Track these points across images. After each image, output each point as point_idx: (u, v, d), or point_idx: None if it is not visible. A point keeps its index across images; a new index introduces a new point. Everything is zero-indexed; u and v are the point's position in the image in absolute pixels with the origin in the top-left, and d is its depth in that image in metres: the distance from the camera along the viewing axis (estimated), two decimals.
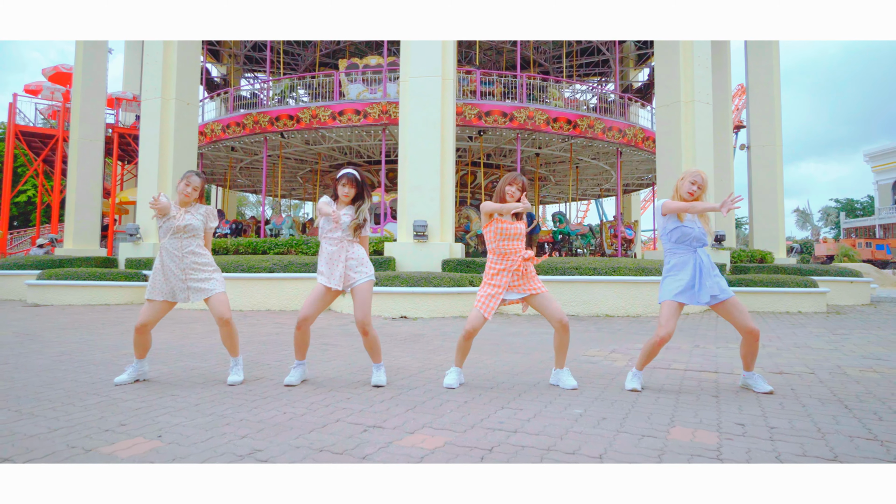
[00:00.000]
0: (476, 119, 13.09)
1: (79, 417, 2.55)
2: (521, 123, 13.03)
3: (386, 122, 12.87)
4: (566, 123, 13.53)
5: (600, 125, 13.86)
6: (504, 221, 3.17)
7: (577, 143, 14.57)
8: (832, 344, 5.05)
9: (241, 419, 2.53)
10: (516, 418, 2.54)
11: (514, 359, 4.21)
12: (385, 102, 12.92)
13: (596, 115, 14.23)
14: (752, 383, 3.08)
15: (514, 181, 3.16)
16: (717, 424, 2.42)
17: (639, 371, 3.16)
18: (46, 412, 2.63)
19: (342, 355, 4.33)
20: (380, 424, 2.44)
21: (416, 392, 3.08)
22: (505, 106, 13.25)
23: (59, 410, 2.67)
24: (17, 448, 2.12)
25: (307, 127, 13.52)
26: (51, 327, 6.02)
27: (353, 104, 13.35)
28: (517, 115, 13.06)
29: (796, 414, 2.59)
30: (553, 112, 13.52)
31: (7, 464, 1.95)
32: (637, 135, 14.74)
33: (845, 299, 10.11)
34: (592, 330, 6.10)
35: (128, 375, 3.30)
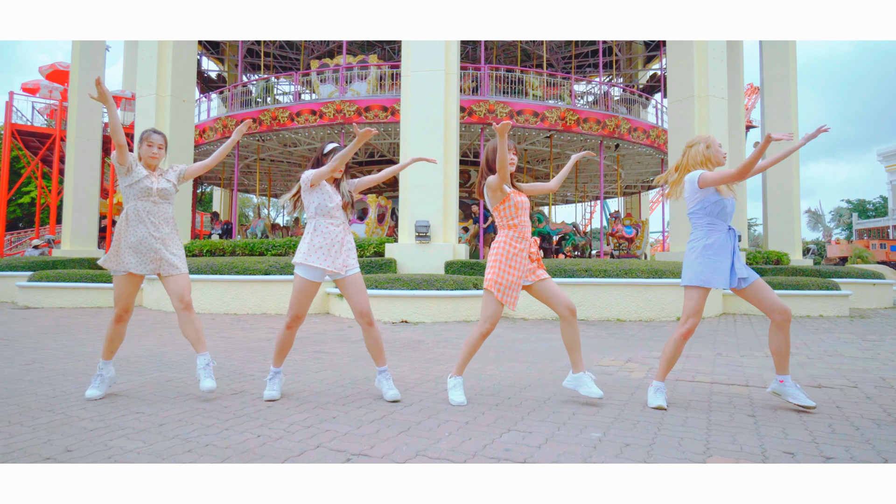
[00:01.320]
0: None
1: (21, 441, 2.22)
2: (481, 118, 12.56)
3: (341, 121, 12.78)
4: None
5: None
6: (520, 194, 2.86)
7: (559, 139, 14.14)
8: (866, 351, 4.66)
9: (207, 444, 2.19)
10: (525, 444, 2.18)
11: (520, 369, 3.85)
12: (339, 101, 12.78)
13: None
14: (790, 393, 2.65)
15: (509, 148, 2.81)
16: (761, 453, 2.06)
17: (661, 383, 2.79)
18: None
19: (334, 364, 3.99)
20: (366, 452, 2.10)
21: (412, 410, 2.73)
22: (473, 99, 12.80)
23: (3, 431, 2.34)
24: None
25: (268, 129, 13.55)
26: (32, 332, 5.73)
27: (308, 105, 13.31)
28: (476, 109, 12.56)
29: (853, 440, 2.22)
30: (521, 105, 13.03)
31: None
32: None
33: (867, 302, 9.67)
34: (604, 336, 5.73)
35: (98, 390, 2.96)
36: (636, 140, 13.66)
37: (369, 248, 9.60)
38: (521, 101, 12.87)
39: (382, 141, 14.69)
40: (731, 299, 8.46)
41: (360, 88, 13.51)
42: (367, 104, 12.67)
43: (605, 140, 13.49)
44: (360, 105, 12.68)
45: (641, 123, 13.88)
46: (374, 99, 12.78)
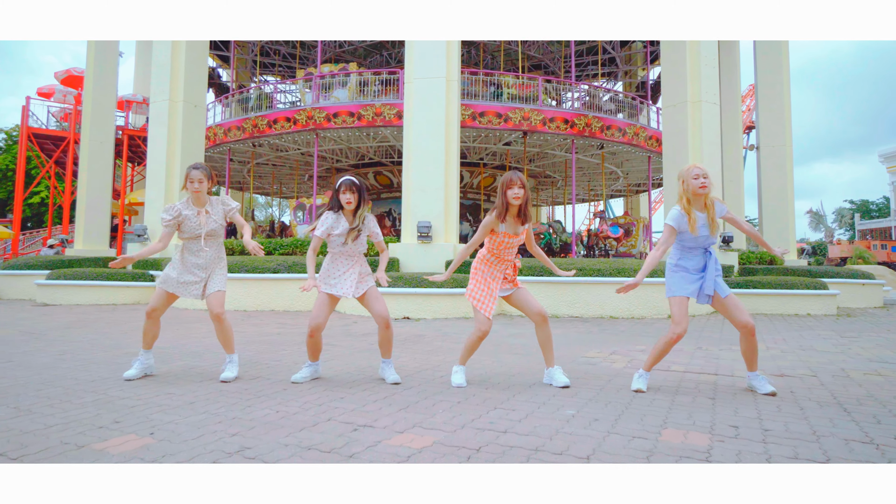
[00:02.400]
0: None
1: (75, 415, 2.58)
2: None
3: (313, 126, 13.40)
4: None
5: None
6: (508, 236, 3.12)
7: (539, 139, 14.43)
8: (839, 347, 4.97)
9: (234, 417, 2.54)
10: (507, 419, 2.52)
11: (512, 360, 4.19)
12: (310, 108, 13.46)
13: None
14: (756, 384, 3.03)
15: (512, 182, 3.06)
16: (710, 426, 2.39)
17: (646, 372, 3.14)
18: (44, 409, 2.67)
19: (341, 356, 4.34)
20: (370, 424, 2.44)
21: (411, 392, 3.07)
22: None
23: (56, 408, 2.70)
24: (12, 444, 2.15)
25: (250, 136, 14.42)
26: (56, 326, 6.11)
27: (284, 112, 14.03)
28: None
29: (793, 416, 2.55)
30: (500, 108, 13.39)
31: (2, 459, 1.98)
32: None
33: (857, 302, 9.95)
34: (595, 331, 6.06)
35: (136, 370, 3.40)
36: (610, 138, 13.81)
37: (372, 248, 9.94)
38: (484, 104, 13.21)
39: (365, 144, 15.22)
40: None
41: (342, 95, 14.15)
42: (335, 110, 13.39)
43: (576, 139, 13.72)
44: (328, 111, 13.40)
45: (616, 121, 13.99)
46: (342, 105, 13.48)
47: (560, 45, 18.40)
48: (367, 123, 13.13)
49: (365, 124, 13.13)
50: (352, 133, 14.03)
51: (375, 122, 13.11)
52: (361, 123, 13.12)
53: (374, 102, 13.21)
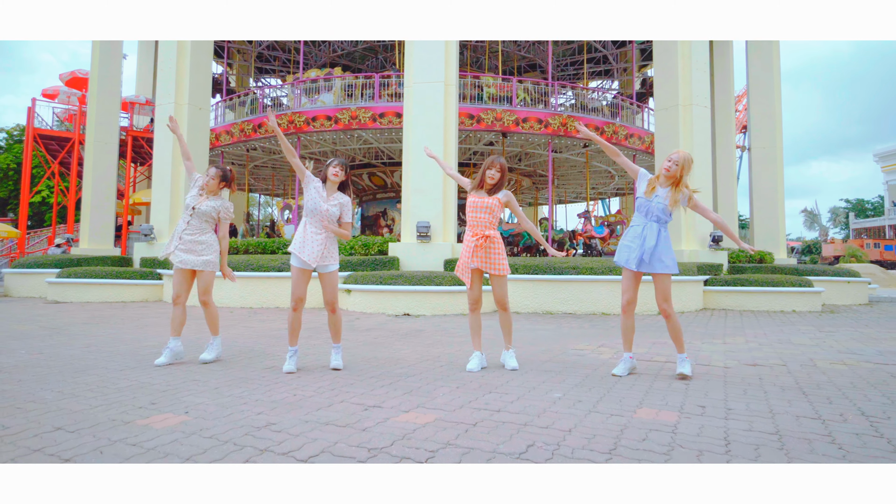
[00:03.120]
0: None
1: (114, 397, 2.88)
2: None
3: (294, 130, 14.05)
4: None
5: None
6: (474, 196, 3.71)
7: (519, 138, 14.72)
8: (815, 340, 5.29)
9: (256, 399, 2.85)
10: (501, 400, 2.83)
11: None
12: (291, 113, 14.12)
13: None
14: (678, 364, 3.40)
15: (493, 164, 3.69)
16: (680, 406, 2.70)
17: (626, 353, 3.50)
18: (85, 393, 2.97)
19: (347, 348, 4.64)
20: (379, 404, 2.75)
21: (413, 379, 3.38)
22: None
23: (96, 391, 3.00)
24: (67, 419, 2.45)
25: (238, 140, 15.25)
26: (74, 322, 6.40)
27: (264, 117, 14.70)
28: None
29: (756, 398, 2.86)
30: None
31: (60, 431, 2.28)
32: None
33: (843, 299, 10.28)
34: (587, 326, 6.37)
35: (165, 358, 3.81)
36: (583, 138, 14.07)
37: (374, 247, 10.25)
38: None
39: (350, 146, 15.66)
40: (710, 296, 9.08)
41: (328, 99, 14.73)
42: (314, 114, 13.99)
43: (553, 139, 13.98)
44: (308, 115, 13.97)
45: (593, 121, 14.20)
46: (321, 109, 14.03)
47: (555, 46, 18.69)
48: (344, 126, 13.77)
49: (342, 127, 13.77)
50: (336, 136, 14.57)
51: (352, 125, 13.73)
52: (339, 127, 13.75)
53: (350, 106, 13.78)
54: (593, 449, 2.04)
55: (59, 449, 2.09)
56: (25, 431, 2.30)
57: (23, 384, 3.17)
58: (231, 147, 15.89)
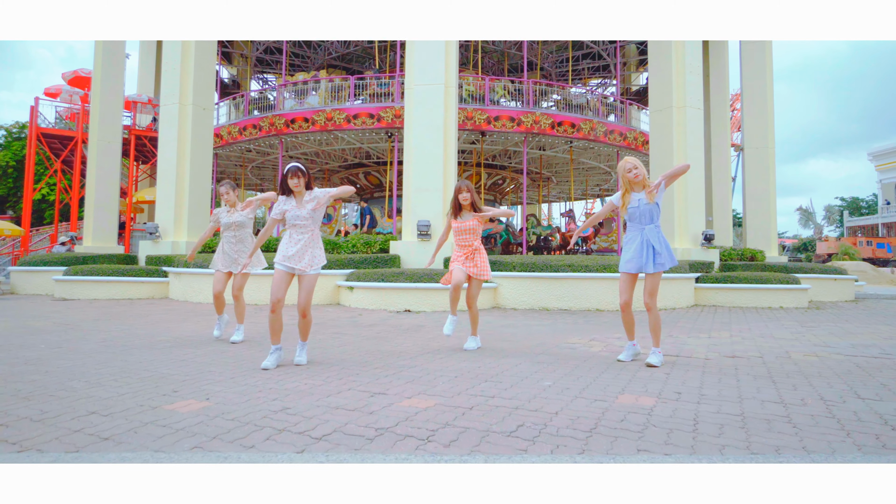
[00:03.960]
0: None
1: (138, 386, 3.12)
2: (389, 122, 13.71)
3: (275, 132, 14.70)
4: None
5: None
6: (457, 222, 4.36)
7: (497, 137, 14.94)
8: (795, 335, 5.55)
9: (271, 388, 3.09)
10: (496, 388, 3.08)
11: (502, 346, 4.75)
12: (272, 115, 14.65)
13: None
14: (649, 356, 3.73)
15: (460, 189, 4.34)
16: (658, 393, 2.95)
17: (630, 341, 3.86)
18: (110, 382, 3.21)
19: (351, 342, 4.89)
20: (384, 392, 3.00)
21: (414, 370, 3.63)
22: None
23: (121, 381, 3.24)
24: (99, 406, 2.70)
25: (226, 143, 15.72)
26: (86, 319, 6.64)
27: (251, 119, 15.22)
28: (384, 114, 13.76)
29: (728, 386, 3.12)
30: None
31: (95, 416, 2.52)
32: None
33: (829, 296, 10.56)
34: (581, 322, 6.62)
35: (218, 330, 4.82)
36: (561, 134, 14.22)
37: (375, 245, 10.50)
38: None
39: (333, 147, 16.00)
40: (701, 293, 9.35)
41: (313, 101, 15.10)
42: (292, 116, 14.43)
43: (528, 136, 14.17)
44: (287, 118, 14.43)
45: (567, 117, 14.31)
46: (297, 112, 14.46)
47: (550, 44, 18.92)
48: (320, 128, 14.13)
49: (318, 129, 14.15)
50: (322, 136, 14.96)
51: (327, 127, 14.06)
52: (315, 128, 14.14)
53: (325, 108, 14.10)
54: (576, 428, 2.30)
55: (97, 430, 2.33)
56: (63, 415, 2.54)
57: (50, 375, 3.41)
58: (221, 149, 16.16)
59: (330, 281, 8.81)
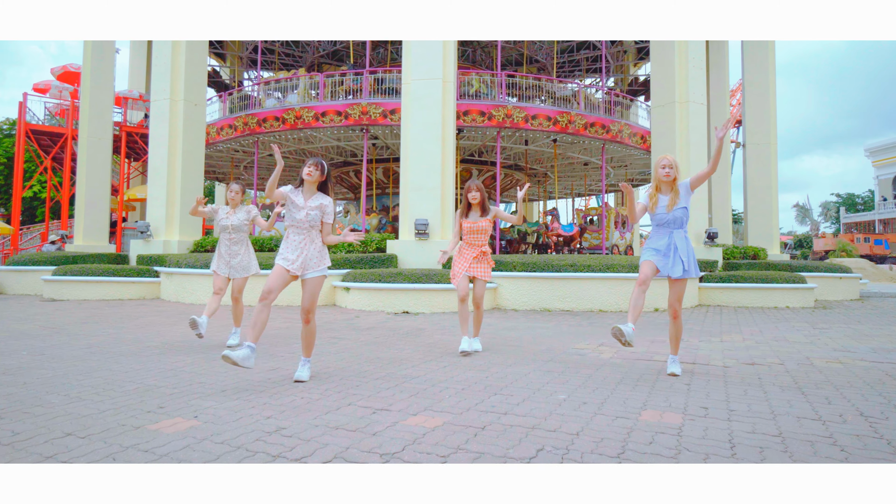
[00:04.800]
0: None
1: (122, 401, 2.89)
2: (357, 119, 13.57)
3: (248, 132, 14.57)
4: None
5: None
6: (468, 221, 4.34)
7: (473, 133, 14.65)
8: (809, 337, 5.37)
9: (265, 403, 2.87)
10: (507, 402, 2.87)
11: (508, 351, 4.54)
12: (245, 115, 14.58)
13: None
14: (668, 364, 3.58)
15: (469, 188, 4.35)
16: (683, 408, 2.75)
17: (629, 322, 3.50)
18: (92, 396, 2.97)
19: (350, 348, 4.67)
20: (387, 407, 2.78)
21: (418, 381, 3.41)
22: None
23: (103, 395, 3.01)
24: (76, 425, 2.46)
25: (209, 144, 15.33)
26: (73, 321, 6.38)
27: (227, 119, 15.08)
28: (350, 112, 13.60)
29: (756, 399, 2.92)
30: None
31: (71, 437, 2.29)
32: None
33: (835, 295, 10.42)
34: (585, 325, 6.42)
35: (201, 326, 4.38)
36: (536, 127, 13.86)
37: (372, 245, 10.26)
38: (394, 101, 13.50)
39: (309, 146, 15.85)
40: (706, 292, 9.18)
41: (293, 99, 15.00)
42: (264, 116, 14.40)
43: (500, 131, 13.92)
44: (259, 117, 14.35)
45: (542, 110, 13.94)
46: (269, 111, 14.42)
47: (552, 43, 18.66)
48: (290, 127, 14.03)
49: (288, 127, 14.05)
50: (300, 135, 14.81)
51: (297, 125, 13.93)
52: (286, 127, 14.04)
53: (294, 106, 13.98)
54: (602, 453, 2.09)
55: (72, 456, 2.10)
56: (36, 437, 2.31)
57: (28, 387, 3.17)
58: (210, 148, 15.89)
59: (325, 281, 8.55)
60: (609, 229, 15.85)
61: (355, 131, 14.26)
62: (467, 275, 4.30)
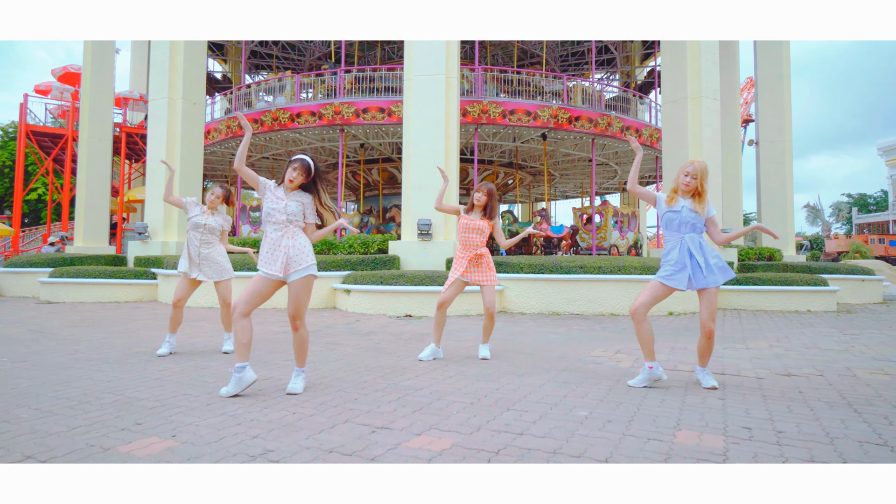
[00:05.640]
0: None
1: (96, 416, 2.61)
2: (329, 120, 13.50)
3: (231, 135, 14.80)
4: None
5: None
6: (466, 218, 4.09)
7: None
8: (842, 344, 5.03)
9: (252, 419, 2.58)
10: (522, 420, 2.56)
11: (518, 359, 4.23)
12: (227, 119, 14.88)
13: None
14: (701, 378, 3.24)
15: (479, 189, 4.14)
16: (723, 428, 2.43)
17: (647, 362, 3.23)
18: (65, 410, 2.70)
19: (349, 355, 4.37)
20: (387, 426, 2.48)
21: (423, 393, 3.11)
22: None
23: (77, 409, 2.73)
24: (40, 446, 2.18)
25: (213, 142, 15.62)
26: (64, 325, 6.12)
27: (211, 123, 15.23)
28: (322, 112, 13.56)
29: (804, 418, 2.60)
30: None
31: (30, 463, 2.01)
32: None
33: (857, 298, 10.02)
34: (597, 329, 6.10)
35: (165, 347, 4.25)
36: (515, 123, 13.42)
37: (373, 246, 9.97)
38: (367, 100, 13.40)
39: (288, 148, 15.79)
40: (722, 295, 8.82)
41: (280, 100, 15.14)
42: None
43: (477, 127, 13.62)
44: (238, 120, 14.04)
45: (520, 104, 13.50)
46: (247, 114, 14.56)
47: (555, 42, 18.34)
48: (267, 129, 14.08)
49: (266, 129, 14.09)
50: (284, 136, 14.81)
51: (273, 127, 13.96)
52: (264, 129, 14.10)
53: (271, 108, 14.03)
54: None
55: None
56: None
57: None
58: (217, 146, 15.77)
59: (325, 283, 8.29)
60: (607, 229, 15.39)
61: (335, 131, 14.11)
62: (462, 279, 4.07)
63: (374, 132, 14.47)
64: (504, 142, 15.19)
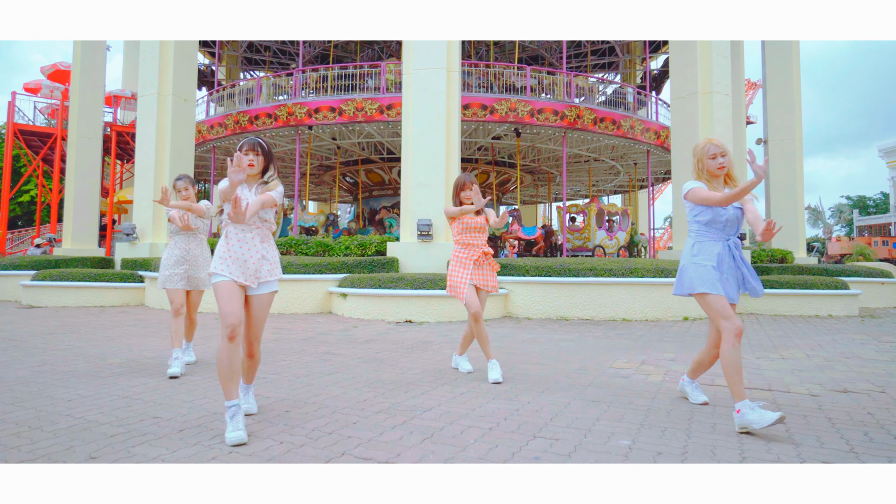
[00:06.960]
0: None
1: (44, 447, 2.18)
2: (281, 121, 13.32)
3: (202, 139, 14.70)
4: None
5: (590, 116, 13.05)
6: (466, 217, 3.68)
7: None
8: (884, 354, 4.63)
9: (230, 451, 2.15)
10: (554, 451, 2.14)
11: (533, 371, 3.82)
12: (197, 123, 14.68)
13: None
14: (689, 392, 2.94)
15: (465, 185, 3.65)
16: (798, 461, 2.02)
17: (738, 400, 2.45)
18: (9, 439, 2.27)
19: (346, 366, 3.95)
20: (393, 461, 2.06)
21: (432, 415, 2.69)
22: None
23: (25, 437, 2.30)
24: None
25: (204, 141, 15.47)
26: (38, 332, 5.68)
27: (208, 120, 15.09)
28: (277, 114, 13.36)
29: (889, 448, 2.18)
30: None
31: None
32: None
33: (876, 301, 9.64)
34: (612, 336, 5.69)
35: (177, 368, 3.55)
36: (486, 118, 12.85)
37: (371, 247, 9.54)
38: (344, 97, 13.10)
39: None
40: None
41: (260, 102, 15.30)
42: (210, 123, 14.75)
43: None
44: (207, 124, 14.80)
45: (486, 98, 12.86)
46: (213, 118, 14.89)
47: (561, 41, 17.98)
48: (230, 132, 14.14)
49: (230, 133, 14.12)
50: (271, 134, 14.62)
51: (235, 131, 14.00)
52: (228, 133, 14.17)
53: (232, 112, 14.10)
54: None
55: None
56: None
57: None
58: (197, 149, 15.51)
59: (321, 287, 7.86)
60: (590, 229, 14.84)
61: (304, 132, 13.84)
62: (472, 283, 3.55)
63: (340, 132, 14.10)
64: (476, 138, 14.61)
